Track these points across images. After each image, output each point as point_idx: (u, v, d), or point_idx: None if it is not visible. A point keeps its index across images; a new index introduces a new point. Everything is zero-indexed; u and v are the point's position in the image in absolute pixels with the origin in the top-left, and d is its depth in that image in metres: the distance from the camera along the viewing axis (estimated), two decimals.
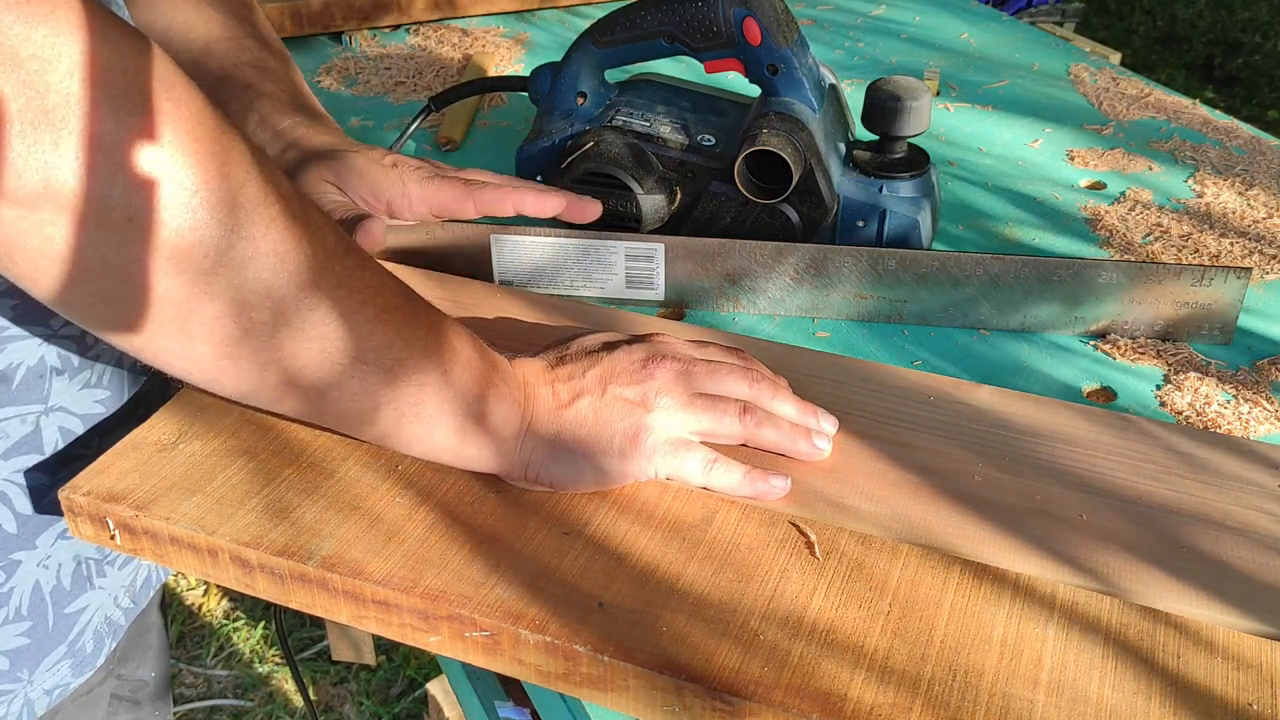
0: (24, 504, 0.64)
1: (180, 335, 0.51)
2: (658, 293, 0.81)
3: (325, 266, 0.52)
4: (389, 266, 0.79)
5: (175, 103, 0.47)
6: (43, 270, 0.47)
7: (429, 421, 0.56)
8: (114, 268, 0.47)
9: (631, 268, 0.80)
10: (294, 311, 0.51)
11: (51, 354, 0.62)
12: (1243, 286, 0.74)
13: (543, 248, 0.80)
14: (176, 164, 0.47)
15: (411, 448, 0.58)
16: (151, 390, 0.70)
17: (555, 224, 0.84)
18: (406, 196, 0.78)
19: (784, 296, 0.80)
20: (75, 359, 0.63)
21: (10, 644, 0.65)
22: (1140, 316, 0.76)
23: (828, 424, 0.63)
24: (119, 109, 0.45)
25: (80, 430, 0.65)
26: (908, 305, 0.78)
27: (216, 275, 0.49)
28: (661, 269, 0.80)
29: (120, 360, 0.66)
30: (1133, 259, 0.85)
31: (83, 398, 0.65)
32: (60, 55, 0.44)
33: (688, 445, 0.60)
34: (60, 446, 0.64)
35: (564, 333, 0.66)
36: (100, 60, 0.45)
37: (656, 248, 0.79)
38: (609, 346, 0.62)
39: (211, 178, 0.48)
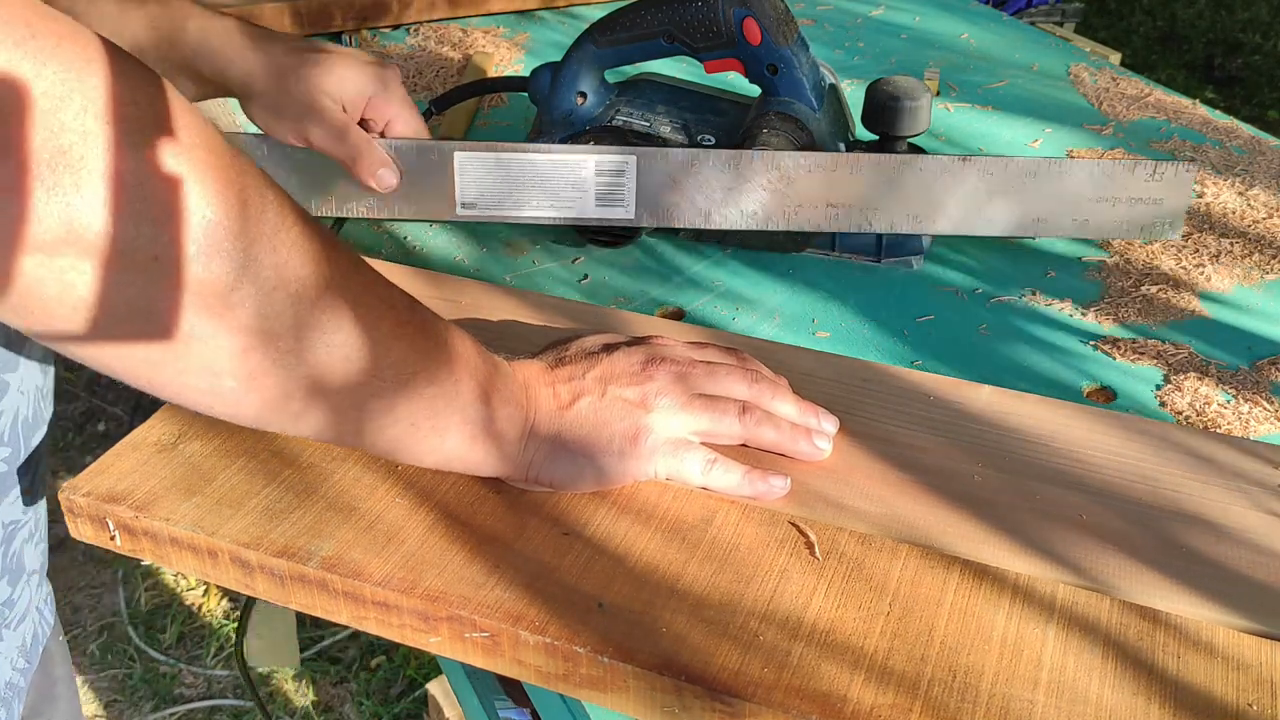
0: None
1: (206, 371, 0.49)
2: (628, 209, 0.80)
3: (343, 285, 0.51)
4: (389, 267, 0.79)
5: (189, 132, 0.46)
6: (61, 318, 0.45)
7: (441, 431, 0.56)
8: (140, 309, 0.46)
9: (601, 183, 0.79)
10: (318, 335, 0.50)
11: None
12: (1190, 179, 0.79)
13: (508, 165, 0.79)
14: (198, 197, 0.45)
15: (424, 459, 0.57)
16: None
17: (523, 140, 0.83)
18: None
19: (757, 209, 0.80)
20: None
21: None
22: (1098, 216, 0.79)
23: (828, 424, 0.63)
24: (137, 144, 0.44)
25: None
26: (877, 213, 0.80)
27: (243, 307, 0.48)
28: (634, 182, 0.79)
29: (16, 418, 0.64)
30: (1095, 159, 0.88)
31: None
32: (73, 92, 0.42)
33: (687, 445, 0.60)
34: None
35: (563, 334, 0.66)
36: (114, 95, 0.43)
37: (629, 160, 0.79)
38: (608, 349, 0.62)
39: (231, 207, 0.46)
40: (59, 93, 0.42)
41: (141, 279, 0.45)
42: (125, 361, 0.48)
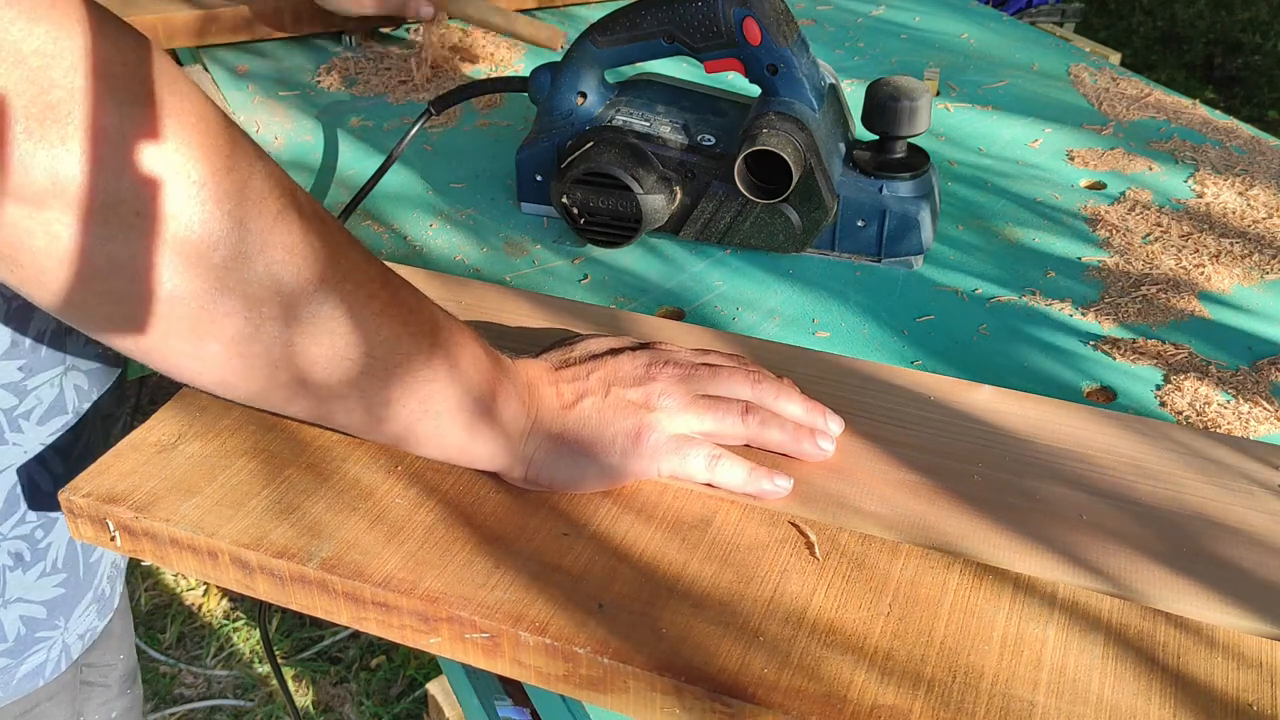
0: (59, 466, 0.67)
1: (191, 334, 0.50)
2: None
3: (332, 259, 0.52)
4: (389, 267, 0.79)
5: (178, 97, 0.47)
6: (49, 272, 0.47)
7: (437, 418, 0.56)
8: (123, 265, 0.47)
9: None
10: (304, 306, 0.51)
11: None
12: None
13: None
14: (182, 157, 0.47)
15: (422, 447, 0.58)
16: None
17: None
18: None
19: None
20: None
21: (48, 595, 0.71)
22: None
23: (834, 424, 0.63)
24: (122, 102, 0.45)
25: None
26: None
27: (226, 270, 0.49)
28: None
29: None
30: None
31: None
32: (63, 50, 0.44)
33: (691, 442, 0.60)
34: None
35: (567, 335, 0.66)
36: (102, 55, 0.45)
37: None
38: (613, 352, 0.62)
39: (218, 170, 0.48)
40: (50, 51, 0.44)
41: (123, 234, 0.47)
42: (113, 320, 0.50)
